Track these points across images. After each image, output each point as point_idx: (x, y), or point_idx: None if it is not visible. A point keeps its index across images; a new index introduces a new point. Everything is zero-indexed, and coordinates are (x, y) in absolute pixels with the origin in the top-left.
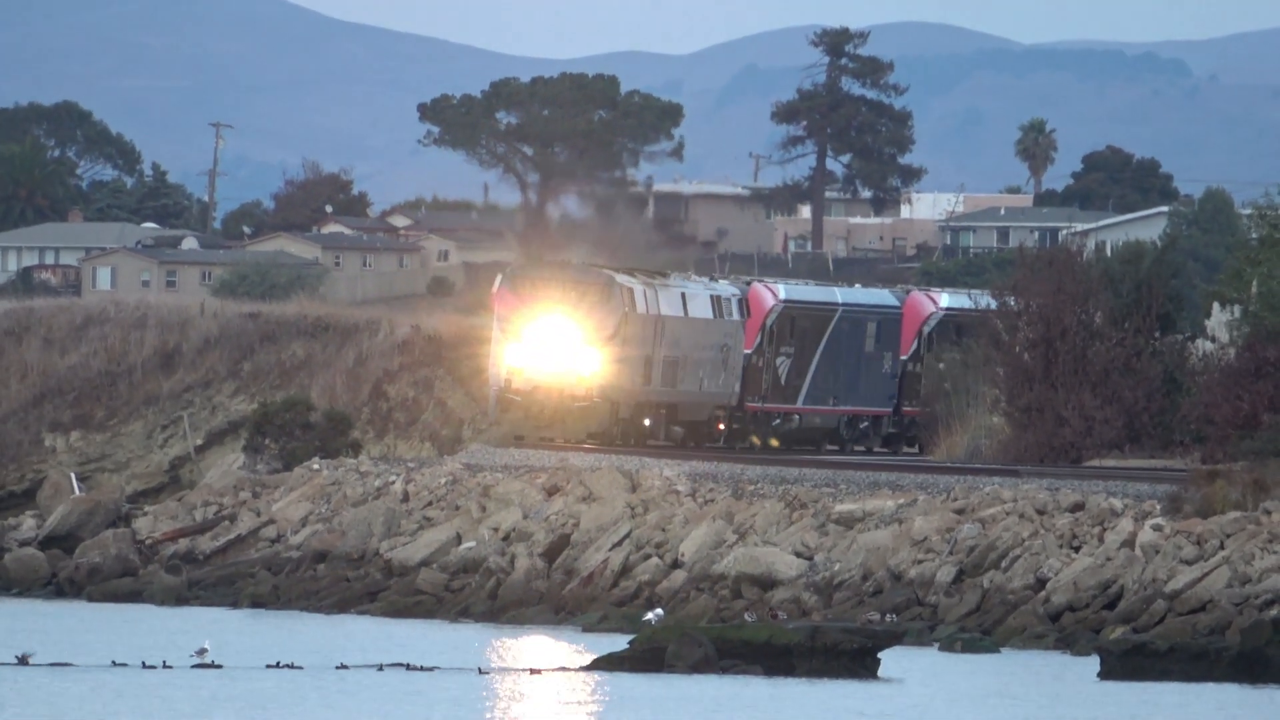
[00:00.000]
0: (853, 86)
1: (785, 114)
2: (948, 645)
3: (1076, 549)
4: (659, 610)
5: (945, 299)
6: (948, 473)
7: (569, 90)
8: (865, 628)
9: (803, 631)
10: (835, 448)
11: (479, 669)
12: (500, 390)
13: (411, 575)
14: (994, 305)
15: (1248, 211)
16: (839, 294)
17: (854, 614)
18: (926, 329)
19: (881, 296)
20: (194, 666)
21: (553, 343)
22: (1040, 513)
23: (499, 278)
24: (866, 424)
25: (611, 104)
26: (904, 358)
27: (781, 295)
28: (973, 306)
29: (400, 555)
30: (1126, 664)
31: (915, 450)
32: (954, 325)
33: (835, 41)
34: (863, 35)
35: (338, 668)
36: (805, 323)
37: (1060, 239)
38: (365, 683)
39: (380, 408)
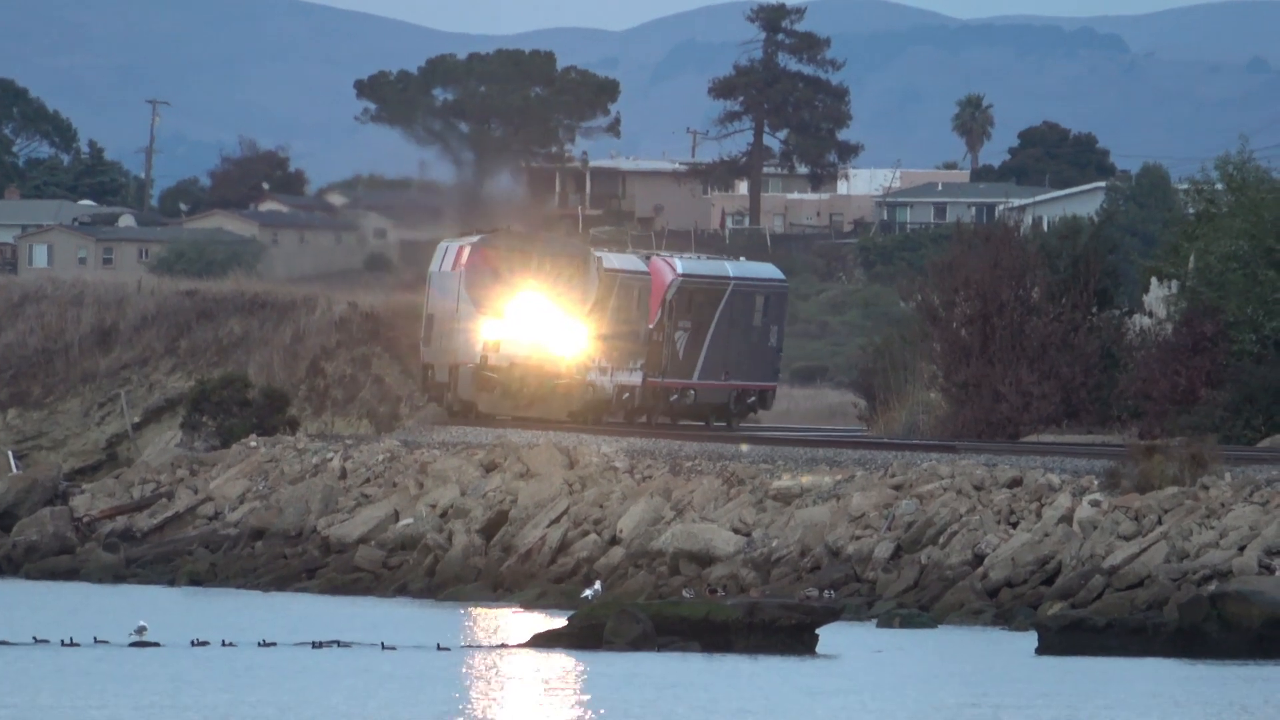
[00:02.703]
0: (790, 62)
1: (722, 90)
2: (886, 621)
3: (1014, 525)
4: (597, 587)
5: (680, 264)
6: (885, 448)
7: (505, 67)
8: (803, 604)
9: (740, 608)
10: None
11: (381, 644)
12: (475, 367)
13: (349, 552)
14: (730, 272)
15: (1184, 187)
16: (616, 260)
17: (792, 590)
18: (669, 296)
19: (636, 262)
20: (132, 644)
21: (532, 317)
22: (978, 488)
23: (467, 249)
24: (627, 395)
25: (548, 80)
26: (650, 326)
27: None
28: (707, 273)
29: (338, 532)
30: (1064, 639)
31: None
32: (689, 293)
33: (772, 17)
34: (799, 11)
35: (260, 644)
36: (601, 291)
37: (997, 215)
38: (280, 659)
39: (317, 385)
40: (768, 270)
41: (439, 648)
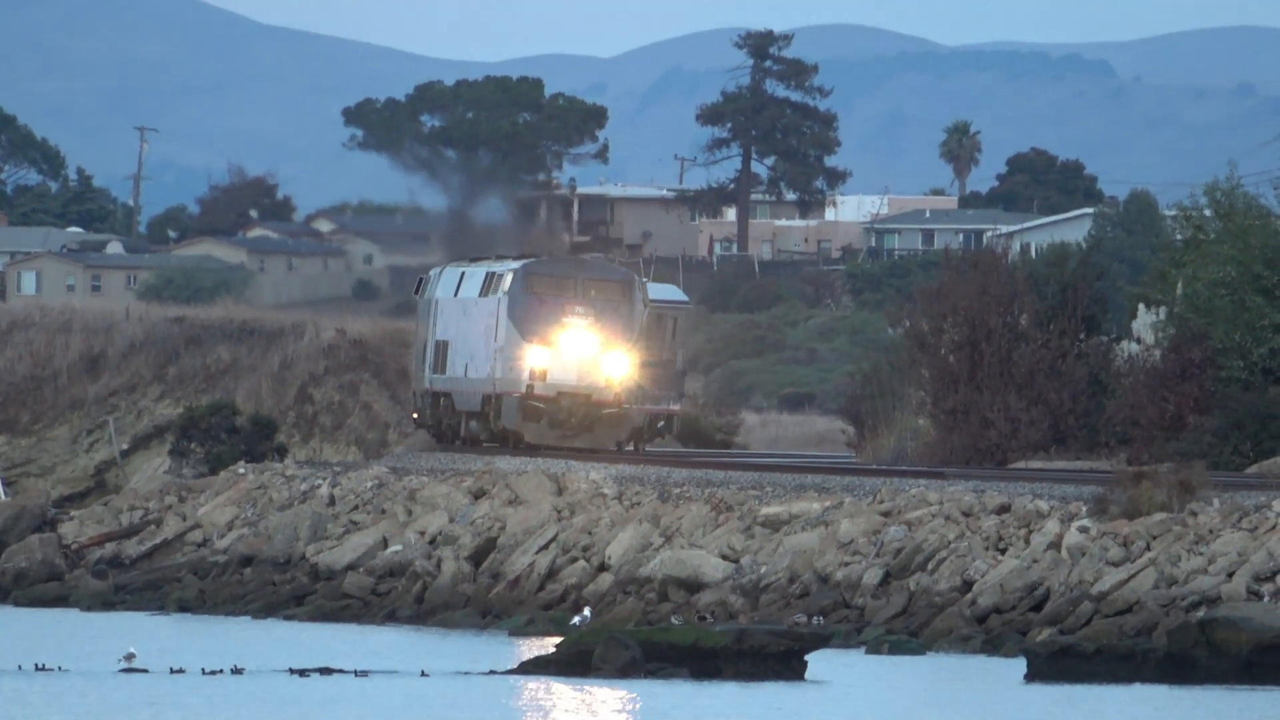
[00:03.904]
0: (777, 89)
1: (710, 116)
2: (875, 647)
3: (1003, 551)
4: (586, 613)
5: None
6: (874, 475)
7: (493, 93)
8: (792, 630)
9: (729, 634)
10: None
11: (355, 671)
12: (521, 396)
13: (338, 579)
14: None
15: (1172, 213)
16: None
17: (781, 616)
18: None
19: None
20: (121, 671)
21: (579, 345)
22: (966, 515)
23: (510, 276)
24: None
25: (536, 106)
26: None
27: None
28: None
29: (326, 559)
30: (1053, 666)
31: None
32: None
33: (759, 44)
34: (787, 37)
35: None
36: None
37: (985, 241)
38: (261, 686)
39: (306, 411)
40: (674, 292)
41: (422, 674)
